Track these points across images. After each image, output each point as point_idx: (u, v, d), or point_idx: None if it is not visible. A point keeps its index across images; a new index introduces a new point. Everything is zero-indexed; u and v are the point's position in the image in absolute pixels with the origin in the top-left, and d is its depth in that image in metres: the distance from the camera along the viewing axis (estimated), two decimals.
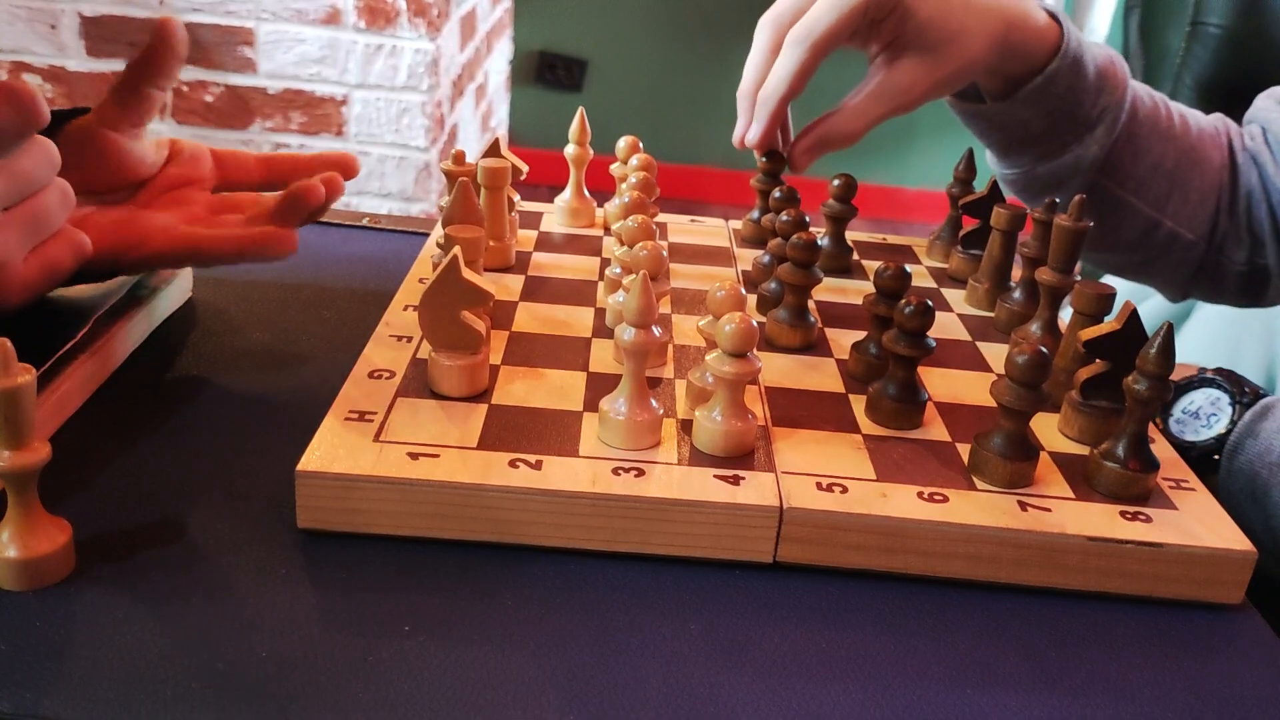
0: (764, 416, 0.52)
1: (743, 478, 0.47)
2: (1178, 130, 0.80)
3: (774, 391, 0.55)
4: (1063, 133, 0.74)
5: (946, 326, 0.65)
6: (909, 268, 0.55)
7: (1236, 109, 1.98)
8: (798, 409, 0.53)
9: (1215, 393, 0.63)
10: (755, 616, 0.43)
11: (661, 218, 0.78)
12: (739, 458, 0.48)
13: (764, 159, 0.72)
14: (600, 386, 0.53)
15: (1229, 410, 0.62)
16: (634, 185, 0.65)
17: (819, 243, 0.59)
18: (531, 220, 0.76)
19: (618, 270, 0.61)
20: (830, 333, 0.62)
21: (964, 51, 0.67)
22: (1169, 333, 0.47)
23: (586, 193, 0.77)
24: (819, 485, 0.47)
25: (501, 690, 0.38)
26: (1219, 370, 0.64)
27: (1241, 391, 0.62)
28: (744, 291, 0.51)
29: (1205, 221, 0.81)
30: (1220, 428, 0.61)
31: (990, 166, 0.80)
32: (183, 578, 0.42)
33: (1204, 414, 0.63)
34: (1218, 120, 0.85)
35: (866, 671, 0.41)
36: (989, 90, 0.74)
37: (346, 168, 0.61)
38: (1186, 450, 0.59)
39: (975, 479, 0.49)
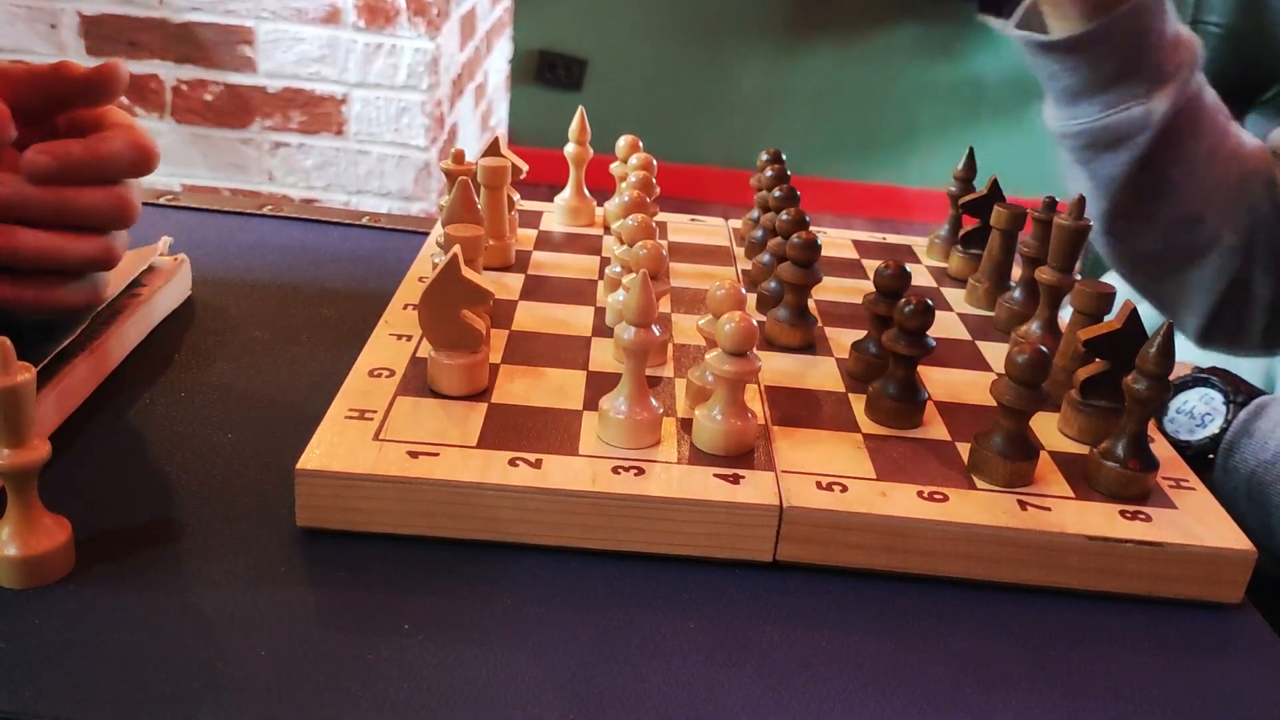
0: (764, 415, 0.52)
1: (742, 477, 0.47)
2: (1233, 133, 0.79)
3: (774, 391, 0.55)
4: (1135, 81, 0.73)
5: (946, 326, 0.65)
6: (909, 267, 0.55)
7: (1237, 108, 1.98)
8: (798, 408, 0.53)
9: (1210, 392, 0.63)
10: (755, 616, 0.43)
11: (661, 217, 0.78)
12: (739, 457, 0.48)
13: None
14: (600, 385, 0.53)
15: (1224, 410, 0.62)
16: (634, 184, 0.65)
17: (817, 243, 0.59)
18: (531, 219, 0.76)
19: (618, 269, 0.61)
20: (830, 332, 0.62)
21: None
22: (1169, 332, 0.47)
23: (586, 192, 0.77)
24: (819, 484, 0.47)
25: (501, 690, 0.38)
26: (1214, 369, 0.64)
27: (1236, 390, 0.62)
28: (744, 291, 0.51)
29: (1244, 231, 0.80)
30: (1215, 427, 0.61)
31: (1049, 124, 0.79)
32: (183, 577, 0.42)
33: (1198, 414, 0.63)
34: (1261, 143, 0.84)
35: (866, 671, 0.41)
36: (1070, 16, 0.73)
37: (108, 84, 0.52)
38: (1181, 450, 0.59)
39: (975, 478, 0.49)
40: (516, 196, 0.70)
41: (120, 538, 0.44)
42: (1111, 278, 1.55)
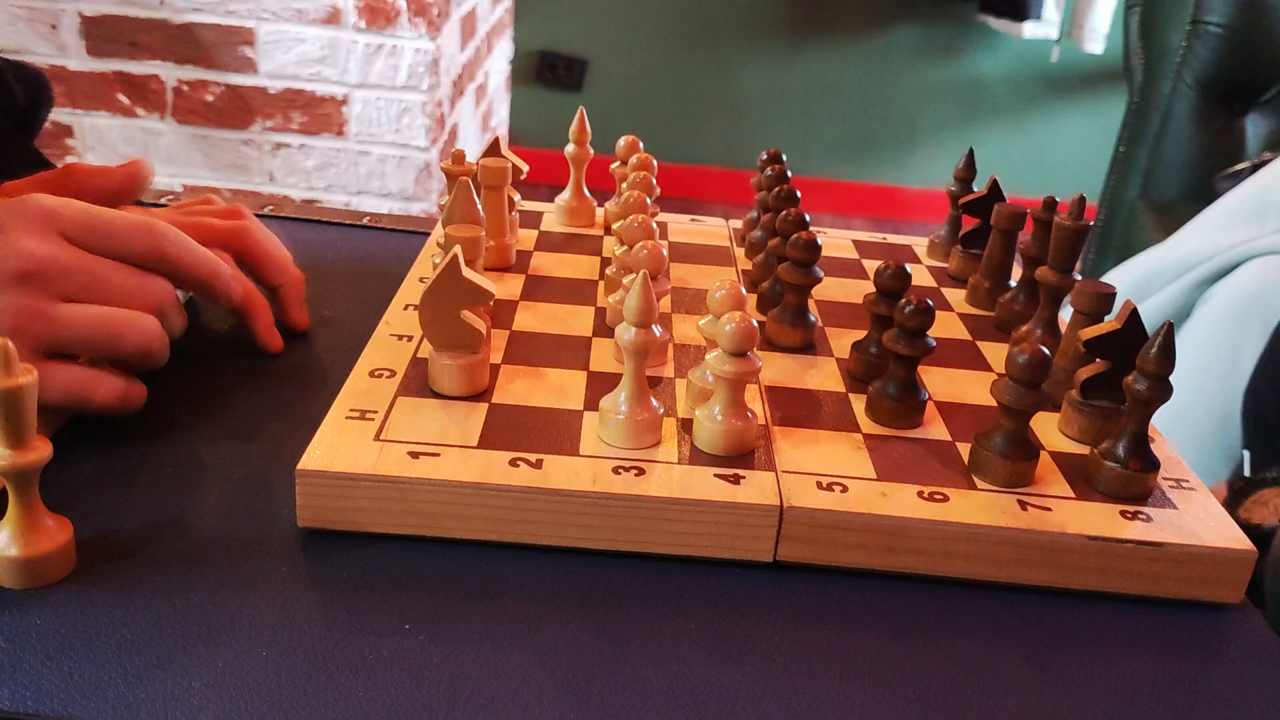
0: (764, 416, 0.52)
1: (743, 477, 0.47)
2: None
3: (774, 391, 0.55)
4: None
5: (946, 326, 0.65)
6: (909, 267, 0.55)
7: (1237, 107, 1.98)
8: (798, 408, 0.53)
9: None
10: (755, 616, 0.43)
11: (661, 217, 0.78)
12: (739, 457, 0.48)
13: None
14: (600, 386, 0.53)
15: None
16: (634, 185, 0.65)
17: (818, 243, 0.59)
18: (531, 220, 0.76)
19: (618, 270, 0.61)
20: (830, 332, 0.62)
21: None
22: (1169, 332, 0.47)
23: (587, 192, 0.77)
24: (819, 484, 0.47)
25: (501, 690, 0.38)
26: None
27: None
28: (744, 291, 0.51)
29: None
30: None
31: None
32: (183, 577, 0.42)
33: (1273, 505, 0.66)
34: None
35: (866, 671, 0.41)
36: None
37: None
38: (1253, 530, 0.63)
39: (975, 478, 0.49)
40: (517, 197, 0.70)
41: (120, 538, 0.44)
42: (1111, 277, 1.55)
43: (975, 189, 0.75)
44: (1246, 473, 1.20)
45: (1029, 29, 2.79)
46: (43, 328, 0.47)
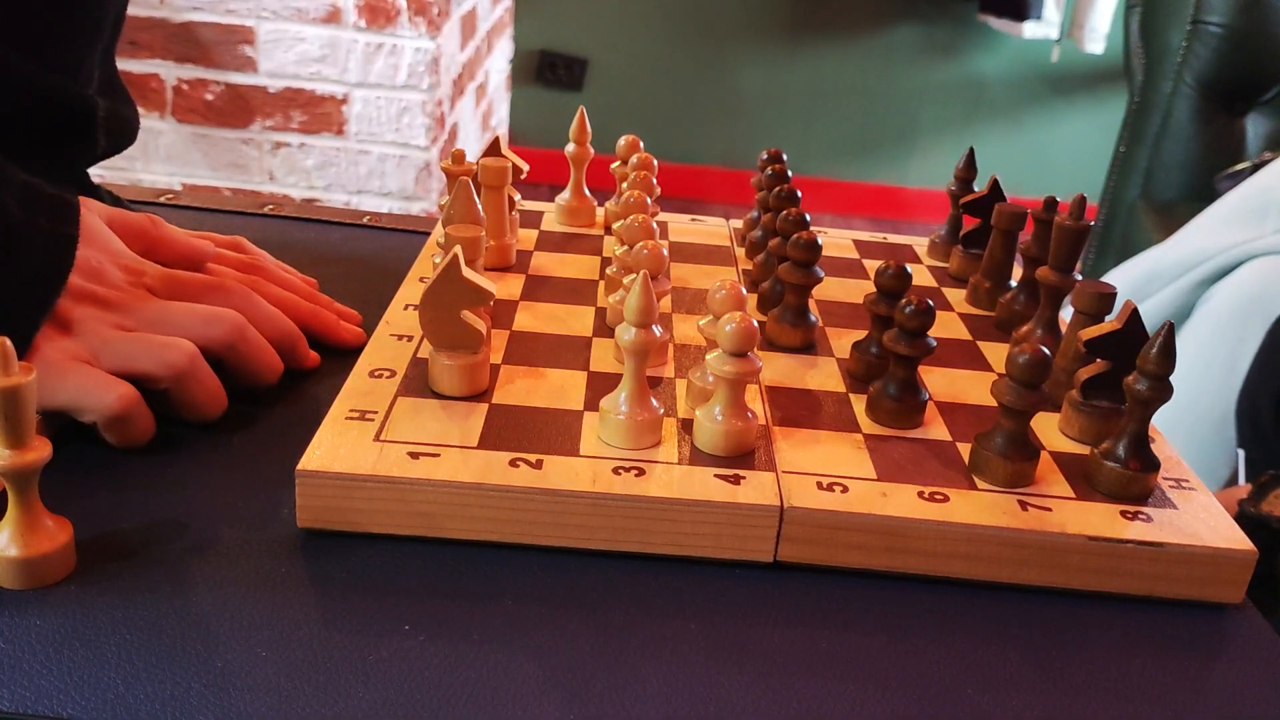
0: (764, 416, 0.52)
1: (743, 477, 0.47)
2: None
3: (774, 391, 0.55)
4: None
5: (947, 326, 0.65)
6: (909, 267, 0.55)
7: (1237, 107, 1.98)
8: (798, 408, 0.53)
9: None
10: (755, 616, 0.43)
11: (662, 217, 0.78)
12: (739, 457, 0.48)
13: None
14: (600, 386, 0.53)
15: None
16: (634, 184, 0.65)
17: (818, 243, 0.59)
18: (532, 219, 0.76)
19: (618, 269, 0.61)
20: (830, 332, 0.62)
21: None
22: (1169, 332, 0.47)
23: (587, 192, 0.77)
24: (819, 485, 0.47)
25: (501, 690, 0.38)
26: None
27: None
28: (744, 291, 0.51)
29: None
30: None
31: None
32: (183, 578, 0.42)
33: None
34: None
35: (866, 671, 0.41)
36: None
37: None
38: (1276, 522, 0.64)
39: (976, 478, 0.49)
40: (517, 197, 0.70)
41: (120, 538, 0.44)
42: (1112, 277, 1.55)
43: (976, 189, 0.75)
44: (1242, 474, 1.21)
45: (1029, 29, 2.79)
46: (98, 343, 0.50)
